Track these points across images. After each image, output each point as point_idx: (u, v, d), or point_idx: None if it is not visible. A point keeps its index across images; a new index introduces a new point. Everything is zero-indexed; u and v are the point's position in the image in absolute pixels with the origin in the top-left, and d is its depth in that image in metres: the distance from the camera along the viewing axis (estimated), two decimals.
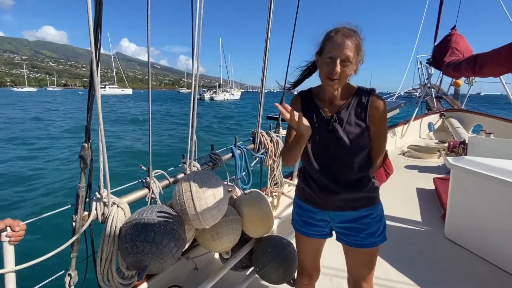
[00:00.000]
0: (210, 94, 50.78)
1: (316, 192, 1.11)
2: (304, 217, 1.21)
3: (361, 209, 1.09)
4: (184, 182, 1.34)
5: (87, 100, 1.02)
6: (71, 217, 1.08)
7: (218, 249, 1.54)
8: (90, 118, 1.05)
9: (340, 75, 0.98)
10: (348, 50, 0.96)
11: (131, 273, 1.26)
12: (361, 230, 1.10)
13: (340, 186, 1.07)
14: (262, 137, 2.16)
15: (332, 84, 1.01)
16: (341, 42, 0.97)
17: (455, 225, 2.26)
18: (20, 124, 17.42)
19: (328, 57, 0.99)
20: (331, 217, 1.14)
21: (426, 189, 3.37)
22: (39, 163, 8.33)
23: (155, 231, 1.12)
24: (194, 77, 1.45)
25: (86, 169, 1.08)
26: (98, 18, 0.95)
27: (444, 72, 4.08)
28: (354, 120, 1.04)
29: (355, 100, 1.06)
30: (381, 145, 1.10)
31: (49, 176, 7.12)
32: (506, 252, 1.87)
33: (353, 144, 1.03)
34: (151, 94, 1.38)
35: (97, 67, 0.99)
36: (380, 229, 1.11)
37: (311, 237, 1.21)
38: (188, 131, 1.50)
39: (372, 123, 1.04)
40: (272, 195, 2.59)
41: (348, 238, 1.13)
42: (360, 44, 1.01)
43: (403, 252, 2.12)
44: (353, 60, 0.98)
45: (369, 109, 1.04)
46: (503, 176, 1.81)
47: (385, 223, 1.15)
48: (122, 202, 1.23)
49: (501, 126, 5.35)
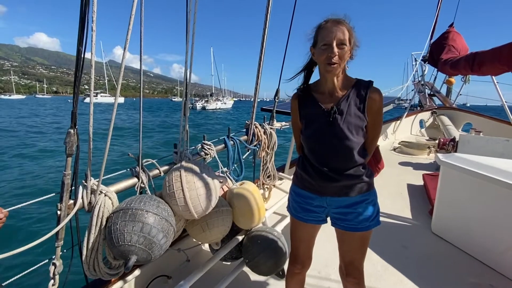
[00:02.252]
0: (202, 103, 49.98)
1: (316, 179, 1.15)
2: (302, 204, 1.24)
3: (358, 194, 1.14)
4: (175, 172, 1.32)
5: (73, 84, 0.97)
6: (56, 205, 1.05)
7: (208, 240, 1.53)
8: (77, 103, 1.00)
9: (338, 58, 1.01)
10: (340, 33, 1.01)
11: (118, 262, 1.24)
12: (357, 215, 1.14)
13: (339, 174, 1.11)
14: (255, 128, 2.13)
15: (332, 69, 1.03)
16: (332, 27, 1.02)
17: (441, 220, 2.31)
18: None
19: (323, 43, 1.03)
20: (328, 203, 1.18)
21: (415, 184, 3.42)
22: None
23: (143, 222, 1.10)
24: (187, 73, 1.40)
25: (71, 155, 1.04)
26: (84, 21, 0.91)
27: (440, 70, 4.10)
28: (354, 111, 1.07)
29: (354, 92, 1.09)
30: (375, 136, 1.17)
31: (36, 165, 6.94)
32: (489, 247, 1.93)
33: (353, 135, 1.07)
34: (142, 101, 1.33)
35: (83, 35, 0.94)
36: (374, 213, 1.16)
37: (307, 222, 1.25)
38: (180, 120, 1.46)
39: (369, 114, 1.08)
40: (264, 187, 2.59)
41: (344, 223, 1.17)
42: (351, 29, 1.05)
43: (391, 245, 2.16)
44: (347, 43, 1.02)
45: (367, 100, 1.07)
46: (491, 173, 1.84)
47: (379, 207, 1.20)
48: (110, 191, 1.19)
49: (490, 124, 5.45)
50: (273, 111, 2.44)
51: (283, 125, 2.76)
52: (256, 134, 2.14)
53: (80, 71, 0.98)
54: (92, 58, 0.98)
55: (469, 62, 2.96)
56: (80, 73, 0.98)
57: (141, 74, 1.33)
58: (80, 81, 0.98)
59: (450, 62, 3.55)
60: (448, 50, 4.03)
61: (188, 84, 1.43)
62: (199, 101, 52.51)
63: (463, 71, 3.31)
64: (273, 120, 2.43)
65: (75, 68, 0.97)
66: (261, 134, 2.17)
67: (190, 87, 1.47)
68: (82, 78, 1.00)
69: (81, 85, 1.01)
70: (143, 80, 1.29)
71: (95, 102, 1.05)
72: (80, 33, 0.94)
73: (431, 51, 4.59)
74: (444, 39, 4.34)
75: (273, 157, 2.43)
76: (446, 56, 3.81)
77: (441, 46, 4.25)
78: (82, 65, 0.97)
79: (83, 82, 1.01)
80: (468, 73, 3.24)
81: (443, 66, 3.76)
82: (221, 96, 59.63)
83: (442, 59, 3.80)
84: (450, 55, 3.83)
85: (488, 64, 2.63)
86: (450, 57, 3.71)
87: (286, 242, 1.70)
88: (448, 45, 4.13)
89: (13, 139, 12.43)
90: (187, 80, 1.44)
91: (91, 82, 1.04)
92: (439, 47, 4.29)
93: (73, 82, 0.99)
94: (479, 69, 2.79)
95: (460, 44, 4.20)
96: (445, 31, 4.53)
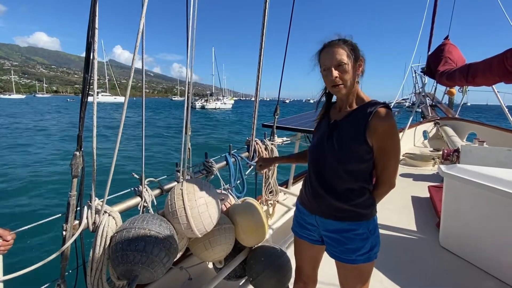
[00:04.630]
0: (201, 102, 50.56)
1: (308, 195, 1.17)
2: (299, 219, 1.26)
3: (345, 221, 1.08)
4: (177, 191, 1.34)
5: (80, 108, 1.02)
6: (61, 226, 1.08)
7: (211, 258, 1.52)
8: (82, 126, 1.05)
9: (340, 79, 1.03)
10: (338, 55, 1.02)
11: (121, 283, 1.24)
12: (341, 243, 1.09)
13: (326, 191, 1.09)
14: (256, 145, 2.17)
15: (337, 90, 1.05)
16: (329, 51, 1.04)
17: (449, 233, 2.27)
18: None
19: (323, 69, 1.06)
20: (318, 223, 1.16)
21: (421, 197, 3.38)
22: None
23: (145, 240, 1.12)
24: (188, 86, 1.46)
25: (77, 177, 1.08)
26: (93, 23, 0.96)
27: (438, 81, 4.15)
28: (351, 128, 1.04)
29: (359, 110, 1.06)
30: (386, 164, 1.04)
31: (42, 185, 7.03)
32: (499, 260, 1.88)
33: (342, 152, 1.04)
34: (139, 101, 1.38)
35: (90, 75, 1.00)
36: (364, 248, 1.07)
37: (302, 239, 1.26)
38: (182, 139, 1.50)
39: (373, 136, 1.00)
40: (268, 203, 2.59)
41: (330, 248, 1.15)
42: (352, 48, 1.04)
43: (398, 260, 2.12)
44: (348, 62, 1.02)
45: (371, 120, 0.99)
46: (494, 184, 1.82)
47: (376, 242, 1.10)
48: (114, 210, 1.22)
49: (494, 134, 5.42)
50: (274, 127, 2.48)
51: (284, 141, 2.80)
52: (257, 150, 2.17)
53: (88, 87, 1.00)
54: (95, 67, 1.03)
55: (463, 73, 3.02)
56: (87, 96, 1.02)
57: (143, 80, 1.39)
58: (86, 106, 1.03)
59: (446, 74, 3.61)
60: (445, 62, 4.09)
61: (189, 104, 1.48)
62: (199, 100, 52.79)
63: (458, 83, 3.36)
64: (274, 136, 2.47)
65: (82, 88, 0.99)
66: (262, 150, 2.20)
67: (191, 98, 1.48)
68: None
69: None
70: (140, 79, 1.33)
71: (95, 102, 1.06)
72: (88, 45, 0.97)
73: (428, 63, 4.67)
74: (440, 51, 4.42)
75: (275, 173, 2.44)
76: (443, 68, 3.87)
77: (438, 58, 4.32)
78: (89, 79, 1.01)
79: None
80: (464, 84, 3.28)
81: (440, 78, 3.82)
82: (221, 96, 59.68)
83: (439, 71, 3.86)
84: (447, 67, 3.89)
85: (480, 75, 2.68)
86: (447, 68, 3.77)
87: (291, 259, 1.68)
88: (445, 57, 4.20)
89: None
90: (189, 98, 1.49)
91: (94, 107, 1.09)
92: (436, 59, 4.36)
93: (79, 106, 1.04)
94: (473, 80, 2.83)
95: (457, 55, 4.26)
96: (441, 44, 4.62)
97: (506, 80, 2.41)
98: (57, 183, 7.08)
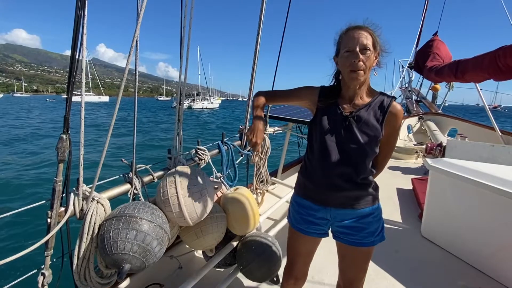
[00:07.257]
0: (188, 102, 49.21)
1: (320, 188, 1.09)
2: (304, 215, 1.17)
3: (364, 207, 1.09)
4: (169, 178, 1.30)
5: (67, 88, 0.95)
6: (46, 213, 1.02)
7: (202, 247, 1.51)
8: (70, 107, 0.98)
9: (363, 64, 0.98)
10: (363, 38, 0.97)
11: (110, 272, 1.21)
12: (362, 229, 1.09)
13: (348, 182, 1.05)
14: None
15: (357, 75, 0.99)
16: (354, 33, 0.99)
17: (430, 224, 2.36)
18: None
19: (346, 50, 0.99)
20: (332, 215, 1.11)
21: (405, 189, 3.49)
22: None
23: (137, 229, 1.08)
24: (181, 75, 1.40)
25: (63, 161, 1.01)
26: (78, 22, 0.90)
27: (426, 77, 4.23)
28: (372, 121, 1.04)
29: (376, 102, 1.06)
30: (388, 153, 1.15)
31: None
32: (477, 250, 1.98)
33: (367, 144, 1.03)
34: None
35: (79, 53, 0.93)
36: (379, 229, 1.12)
37: (309, 235, 1.18)
38: (175, 125, 1.45)
39: (387, 128, 1.05)
40: (257, 192, 2.59)
41: (348, 237, 1.11)
42: (374, 34, 1.01)
43: (382, 249, 2.19)
44: (371, 48, 0.98)
45: (388, 113, 1.04)
46: (478, 178, 1.90)
47: (383, 222, 1.15)
48: (102, 197, 1.16)
49: (474, 130, 5.64)
50: (267, 116, 2.45)
51: (275, 130, 2.78)
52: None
53: (74, 75, 0.96)
54: (83, 60, 0.97)
55: (452, 69, 3.08)
56: (74, 77, 0.96)
57: (136, 78, 1.32)
58: (73, 86, 0.96)
59: (434, 70, 3.68)
60: (433, 57, 4.17)
61: (182, 90, 1.43)
62: (185, 100, 51.68)
63: (447, 78, 3.43)
64: (267, 125, 2.45)
65: (68, 72, 0.95)
66: None
67: (179, 88, 1.45)
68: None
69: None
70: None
71: (77, 101, 1.01)
72: (74, 38, 0.93)
73: (416, 59, 4.74)
74: (428, 47, 4.50)
75: (266, 162, 2.44)
76: (431, 63, 3.94)
77: (426, 54, 4.39)
78: (76, 68, 0.95)
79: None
80: (452, 80, 3.35)
81: (428, 73, 3.89)
82: (208, 95, 58.59)
83: (427, 67, 3.93)
84: (435, 63, 3.96)
85: (471, 72, 2.74)
86: (435, 64, 3.84)
87: (280, 248, 1.70)
88: (433, 53, 4.27)
89: None
90: (182, 86, 1.44)
91: (82, 88, 1.02)
92: (424, 55, 4.44)
93: (66, 87, 0.97)
94: (462, 76, 2.90)
95: (444, 52, 4.35)
96: (429, 40, 4.69)
97: (496, 77, 2.47)
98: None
